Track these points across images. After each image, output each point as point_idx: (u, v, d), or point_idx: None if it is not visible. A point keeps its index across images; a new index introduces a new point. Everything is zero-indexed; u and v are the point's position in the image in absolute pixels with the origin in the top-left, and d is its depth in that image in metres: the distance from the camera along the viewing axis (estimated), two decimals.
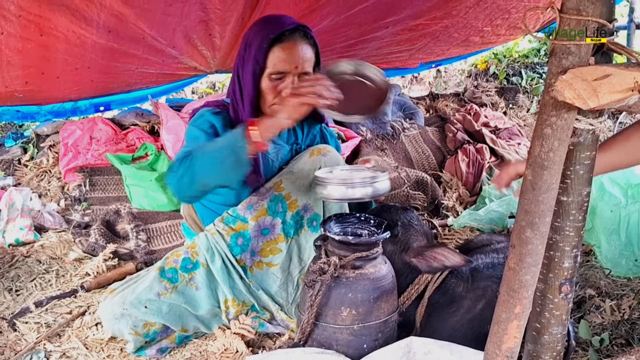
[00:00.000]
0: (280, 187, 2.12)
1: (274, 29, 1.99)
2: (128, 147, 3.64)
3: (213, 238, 2.15)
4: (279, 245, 2.16)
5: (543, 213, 1.17)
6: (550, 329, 1.35)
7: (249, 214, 2.12)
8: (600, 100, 1.04)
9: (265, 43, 1.98)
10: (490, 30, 4.05)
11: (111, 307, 2.05)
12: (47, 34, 2.56)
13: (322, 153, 2.14)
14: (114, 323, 2.06)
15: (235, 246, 2.13)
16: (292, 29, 2.01)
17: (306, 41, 2.05)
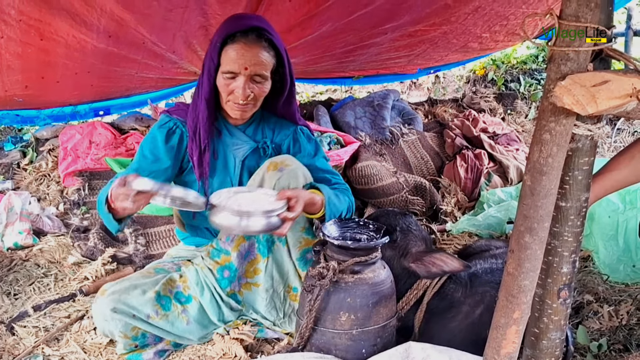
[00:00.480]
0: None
1: (228, 28, 1.99)
2: (127, 152, 3.64)
3: (202, 272, 2.18)
4: (259, 265, 2.18)
5: (542, 218, 1.18)
6: (548, 334, 1.35)
7: (229, 245, 2.14)
8: (599, 106, 1.05)
9: (218, 42, 1.99)
10: (488, 37, 4.06)
11: (101, 309, 2.04)
12: (48, 39, 2.58)
13: (279, 168, 2.07)
14: (104, 324, 2.06)
15: (222, 279, 2.16)
16: (245, 30, 1.99)
17: (260, 43, 2.01)
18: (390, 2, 3.01)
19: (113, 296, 2.04)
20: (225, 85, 2.03)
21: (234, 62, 1.98)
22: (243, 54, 1.97)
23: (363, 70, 4.56)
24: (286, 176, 2.06)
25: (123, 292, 2.06)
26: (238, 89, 2.02)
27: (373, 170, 3.51)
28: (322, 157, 2.36)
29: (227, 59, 1.99)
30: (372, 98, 4.29)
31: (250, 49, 1.98)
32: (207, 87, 2.04)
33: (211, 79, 2.04)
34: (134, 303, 2.04)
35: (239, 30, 1.98)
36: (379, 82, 5.19)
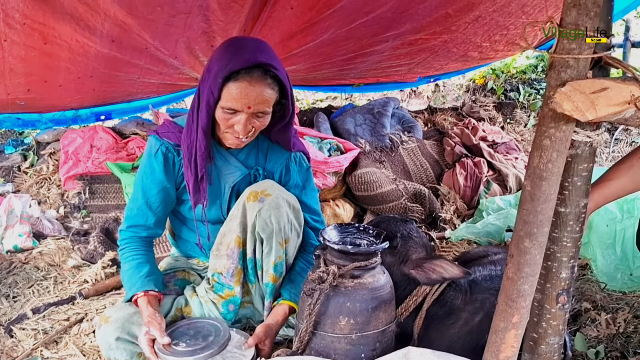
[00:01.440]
0: (240, 242, 2.12)
1: (232, 63, 1.87)
2: (128, 156, 3.65)
3: (207, 306, 2.18)
4: (249, 288, 2.23)
5: (541, 223, 1.19)
6: (547, 339, 1.36)
7: (231, 280, 2.15)
8: (598, 113, 1.06)
9: (220, 77, 1.87)
10: (488, 46, 4.08)
11: (106, 337, 2.03)
12: (51, 42, 2.58)
13: (259, 199, 2.04)
14: (109, 352, 2.05)
15: (228, 313, 2.17)
16: (249, 67, 1.87)
17: (264, 81, 1.91)
18: (391, 10, 3.02)
19: (116, 324, 2.02)
20: (225, 120, 1.96)
21: (236, 100, 1.90)
22: (247, 93, 1.89)
23: (363, 78, 4.58)
24: (267, 207, 2.03)
25: (126, 320, 2.04)
26: (238, 125, 1.95)
27: (373, 177, 3.53)
28: (310, 190, 2.34)
29: (229, 96, 1.90)
30: (372, 105, 4.31)
31: (255, 88, 1.89)
32: (205, 119, 1.95)
33: (210, 111, 1.95)
34: (137, 332, 2.02)
35: (243, 67, 1.87)
36: (379, 90, 5.21)
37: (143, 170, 2.14)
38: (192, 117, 2.03)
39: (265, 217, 2.03)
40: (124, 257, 2.14)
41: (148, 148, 2.15)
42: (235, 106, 1.91)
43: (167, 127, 2.17)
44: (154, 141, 2.13)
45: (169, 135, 2.13)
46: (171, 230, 2.44)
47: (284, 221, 2.07)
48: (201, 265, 2.41)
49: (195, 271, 2.41)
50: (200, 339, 1.96)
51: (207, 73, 1.94)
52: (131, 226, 2.16)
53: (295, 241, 2.17)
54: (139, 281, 2.05)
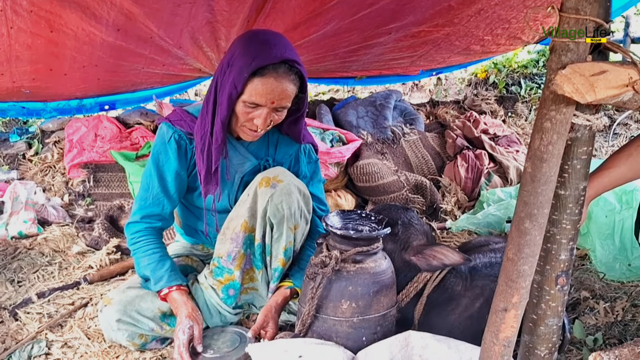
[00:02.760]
0: (247, 227, 2.13)
1: (258, 59, 1.88)
2: (132, 146, 3.67)
3: (207, 292, 2.21)
4: (254, 274, 2.24)
5: (542, 204, 1.21)
6: (546, 320, 1.39)
7: (231, 264, 2.17)
8: (597, 95, 1.09)
9: (246, 72, 1.88)
10: (490, 40, 4.10)
11: (108, 319, 2.07)
12: (57, 31, 2.60)
13: (271, 184, 2.07)
14: (111, 333, 2.10)
15: (228, 298, 2.19)
16: (276, 63, 1.90)
17: (289, 77, 1.94)
18: (394, 2, 3.03)
19: (118, 306, 2.07)
20: (246, 113, 1.97)
21: (261, 96, 1.91)
22: (273, 89, 1.91)
23: (366, 70, 4.59)
24: (279, 193, 2.06)
25: (129, 303, 2.08)
26: (259, 119, 1.96)
27: (374, 168, 3.55)
28: (317, 181, 2.37)
29: (254, 92, 1.91)
30: (375, 98, 4.33)
31: (280, 84, 1.92)
32: (226, 112, 1.96)
33: (232, 104, 1.96)
34: (139, 317, 2.08)
35: (271, 63, 1.89)
36: (381, 83, 5.23)
37: (157, 157, 2.14)
38: (206, 108, 2.04)
39: (277, 202, 2.06)
40: (141, 250, 2.13)
41: (160, 135, 2.15)
42: (259, 101, 1.93)
43: (179, 115, 2.18)
44: (166, 128, 2.14)
45: (182, 123, 2.14)
46: (177, 217, 2.46)
47: (295, 207, 2.10)
48: (205, 252, 2.44)
49: (199, 257, 2.43)
50: (226, 346, 2.01)
51: (228, 67, 1.94)
52: (146, 216, 2.15)
53: (303, 228, 2.20)
54: (165, 275, 2.08)
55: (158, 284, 2.08)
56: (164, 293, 2.07)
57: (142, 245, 2.13)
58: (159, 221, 2.17)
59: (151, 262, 2.10)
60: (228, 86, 1.93)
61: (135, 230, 2.15)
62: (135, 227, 2.16)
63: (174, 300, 2.06)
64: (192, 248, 2.45)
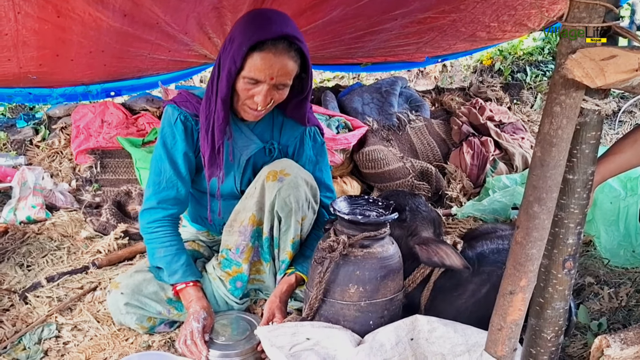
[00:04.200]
0: (255, 220, 2.14)
1: (258, 34, 1.87)
2: (138, 132, 3.69)
3: (214, 283, 2.22)
4: (262, 267, 2.25)
5: (550, 189, 1.23)
6: (553, 303, 1.40)
7: (239, 257, 2.18)
8: (607, 80, 1.09)
9: (245, 46, 1.87)
10: (496, 26, 4.08)
11: (116, 303, 2.10)
12: (64, 16, 2.60)
13: (278, 178, 2.07)
14: (119, 317, 2.12)
15: (235, 290, 2.21)
16: (275, 38, 1.88)
17: (289, 53, 1.92)
18: None
19: (126, 290, 2.09)
20: (246, 90, 1.96)
21: (260, 71, 1.90)
22: (271, 64, 1.89)
23: (371, 57, 4.58)
24: (286, 187, 2.06)
25: (136, 287, 2.10)
26: (259, 96, 1.95)
27: (380, 155, 3.56)
28: (323, 165, 2.35)
29: (253, 67, 1.90)
30: (380, 85, 4.33)
31: (279, 59, 1.90)
32: (225, 88, 1.95)
33: (231, 80, 1.94)
34: (146, 300, 2.10)
35: (270, 38, 1.87)
36: (387, 69, 5.22)
37: (165, 140, 2.12)
38: (211, 87, 2.02)
39: (284, 196, 2.06)
40: (157, 240, 2.12)
41: (167, 117, 2.14)
42: (257, 76, 1.91)
43: (184, 96, 2.17)
44: (171, 110, 2.13)
45: (187, 104, 2.13)
46: None
47: (302, 200, 2.11)
48: (210, 238, 2.45)
49: (205, 243, 2.45)
50: (237, 334, 2.02)
51: (229, 43, 1.94)
52: (162, 201, 2.13)
53: (310, 218, 2.21)
54: (181, 269, 2.09)
55: (173, 277, 2.09)
56: (179, 287, 2.08)
57: (159, 236, 2.11)
58: (175, 205, 2.15)
59: (167, 255, 2.10)
60: (228, 62, 1.92)
61: (153, 219, 2.13)
62: (152, 216, 2.13)
63: (189, 294, 2.06)
64: (198, 234, 2.46)
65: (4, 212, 3.09)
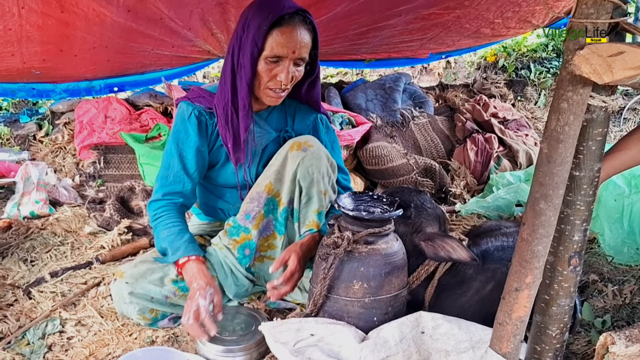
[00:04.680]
0: (271, 188, 2.13)
1: (274, 12, 1.93)
2: (142, 127, 3.68)
3: (222, 252, 2.20)
4: (275, 241, 2.21)
5: (557, 185, 1.22)
6: (558, 300, 1.40)
7: (249, 223, 2.15)
8: (615, 76, 1.09)
9: (264, 25, 1.92)
10: (500, 23, 4.08)
11: (120, 292, 2.09)
12: (68, 11, 2.60)
13: (302, 148, 2.08)
14: (122, 306, 2.12)
15: (243, 258, 2.18)
16: (291, 13, 1.95)
17: (305, 26, 1.99)
18: None
19: (131, 279, 2.09)
20: (269, 70, 1.99)
21: (282, 46, 1.94)
22: (292, 37, 1.95)
23: (375, 53, 4.58)
24: (309, 157, 2.07)
25: (140, 276, 2.10)
26: (281, 74, 1.99)
27: (384, 151, 3.55)
28: (337, 150, 2.38)
29: (275, 43, 1.94)
30: (384, 81, 4.32)
31: (298, 32, 1.95)
32: (250, 72, 1.99)
33: (254, 63, 1.98)
34: (150, 287, 2.09)
35: (286, 13, 1.94)
36: (390, 65, 5.21)
37: (177, 135, 2.15)
38: (224, 79, 2.07)
39: (307, 165, 2.07)
40: (161, 223, 2.12)
41: (180, 113, 2.16)
42: (281, 52, 1.96)
43: (197, 92, 2.20)
44: (185, 106, 2.16)
45: (200, 100, 2.16)
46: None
47: (324, 172, 2.12)
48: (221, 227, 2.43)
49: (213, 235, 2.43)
50: (241, 329, 2.01)
51: (245, 28, 1.98)
52: (167, 194, 2.15)
53: (330, 196, 2.21)
54: (183, 245, 2.07)
55: (175, 254, 2.06)
56: (181, 262, 2.05)
57: (162, 220, 2.12)
58: (180, 198, 2.17)
59: (170, 234, 2.09)
60: (249, 46, 1.96)
61: (157, 206, 2.15)
62: (157, 204, 2.16)
63: (191, 268, 2.03)
64: (207, 226, 2.46)
65: (8, 208, 3.09)
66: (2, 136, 3.76)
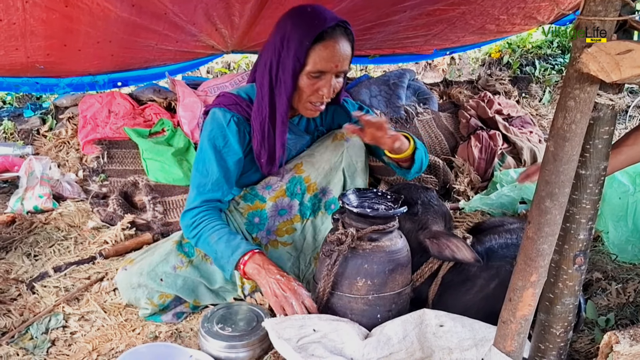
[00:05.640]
0: (301, 169, 2.13)
1: (316, 26, 1.88)
2: (145, 122, 3.68)
3: (230, 215, 2.19)
4: (294, 225, 2.20)
5: (563, 184, 1.21)
6: (563, 299, 1.39)
7: (268, 193, 2.15)
8: (622, 74, 1.08)
9: (307, 41, 1.89)
10: (505, 19, 4.06)
11: (129, 277, 2.10)
12: (72, 5, 2.60)
13: (345, 138, 2.12)
14: (130, 292, 2.12)
15: (250, 224, 2.17)
16: (333, 26, 1.91)
17: (346, 38, 1.95)
18: None
19: (140, 263, 2.10)
20: (311, 85, 1.97)
21: (326, 61, 1.92)
22: (335, 52, 1.92)
23: (379, 49, 4.56)
24: (352, 147, 2.12)
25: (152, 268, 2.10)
26: (325, 87, 1.97)
27: None
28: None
29: (318, 58, 1.91)
30: (388, 77, 4.30)
31: (341, 46, 1.93)
32: (291, 88, 1.96)
33: (295, 79, 1.96)
34: (159, 266, 2.09)
35: (328, 27, 1.90)
36: (395, 62, 5.19)
37: (215, 142, 2.07)
38: (261, 93, 2.03)
39: (351, 154, 2.12)
40: (206, 228, 2.01)
41: (216, 120, 2.08)
42: (324, 67, 1.93)
43: (231, 99, 2.12)
44: (222, 113, 2.08)
45: (237, 108, 2.10)
46: None
47: (364, 164, 2.18)
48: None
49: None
50: (244, 324, 2.00)
51: (283, 44, 1.94)
52: (206, 201, 2.07)
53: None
54: (242, 242, 1.98)
55: (236, 252, 1.95)
56: (247, 257, 1.94)
57: (206, 225, 2.02)
58: (219, 203, 2.11)
59: (222, 236, 1.99)
60: (291, 62, 1.93)
61: (196, 213, 2.06)
62: (195, 212, 2.07)
63: (258, 259, 1.93)
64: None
65: (12, 202, 3.09)
66: (6, 131, 3.76)
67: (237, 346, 1.90)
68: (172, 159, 3.34)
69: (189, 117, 3.66)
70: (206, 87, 4.01)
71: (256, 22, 3.35)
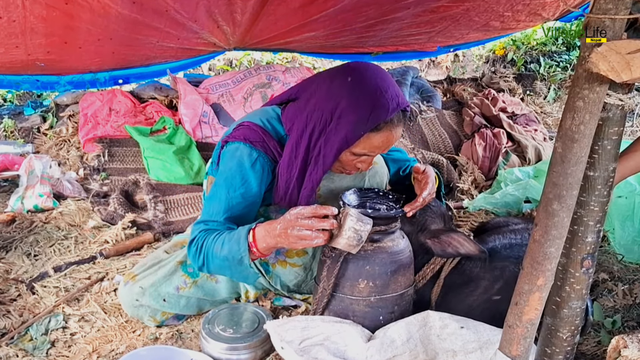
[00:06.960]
0: (318, 193, 2.05)
1: (377, 116, 1.77)
2: (146, 120, 3.66)
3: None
4: (309, 249, 2.11)
5: (571, 186, 1.19)
6: (570, 302, 1.37)
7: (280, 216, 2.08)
8: (633, 74, 1.05)
9: (362, 130, 1.78)
10: (510, 16, 4.04)
11: (130, 295, 2.07)
12: (73, 3, 2.59)
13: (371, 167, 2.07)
14: (133, 309, 2.09)
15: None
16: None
17: (402, 122, 1.86)
18: None
19: (142, 282, 2.06)
20: (350, 161, 1.90)
21: (376, 148, 1.85)
22: (388, 141, 1.85)
23: (382, 46, 4.54)
24: (374, 173, 2.13)
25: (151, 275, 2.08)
26: (364, 164, 1.93)
27: None
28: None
29: (368, 145, 1.83)
30: (391, 74, 4.27)
31: (395, 134, 1.85)
32: (331, 163, 1.87)
33: (338, 155, 1.85)
34: (162, 287, 2.05)
35: (389, 117, 1.79)
36: (398, 59, 5.17)
37: (232, 181, 1.93)
38: (295, 152, 1.91)
39: (372, 183, 2.12)
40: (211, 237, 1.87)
41: (240, 157, 1.94)
42: (372, 152, 1.88)
43: (257, 134, 1.97)
44: (249, 150, 1.94)
45: (264, 146, 1.96)
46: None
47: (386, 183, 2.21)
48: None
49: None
50: (245, 326, 1.98)
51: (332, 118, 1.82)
52: (209, 221, 1.94)
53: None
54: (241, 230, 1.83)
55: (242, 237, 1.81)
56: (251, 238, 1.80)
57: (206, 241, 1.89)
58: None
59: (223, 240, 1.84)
60: (338, 141, 1.82)
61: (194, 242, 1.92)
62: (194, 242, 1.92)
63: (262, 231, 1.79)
64: None
65: (12, 201, 3.07)
66: (6, 129, 3.74)
67: (239, 348, 1.88)
68: (174, 157, 3.32)
69: (190, 115, 3.64)
70: (208, 85, 3.99)
71: (258, 19, 3.33)
